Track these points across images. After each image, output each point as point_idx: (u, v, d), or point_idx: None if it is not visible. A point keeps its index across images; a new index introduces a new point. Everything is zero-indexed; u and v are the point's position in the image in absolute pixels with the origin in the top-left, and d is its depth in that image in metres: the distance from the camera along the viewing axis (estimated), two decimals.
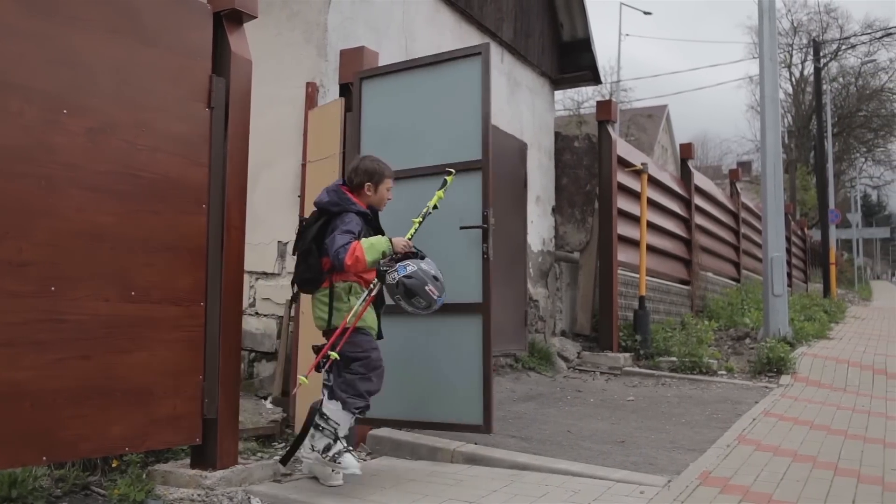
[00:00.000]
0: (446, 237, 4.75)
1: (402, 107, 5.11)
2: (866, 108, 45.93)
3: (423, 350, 4.94)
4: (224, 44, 4.16)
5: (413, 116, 5.07)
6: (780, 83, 17.84)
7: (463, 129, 4.87)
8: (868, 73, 45.63)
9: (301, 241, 4.20)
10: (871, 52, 44.02)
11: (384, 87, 5.19)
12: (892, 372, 8.57)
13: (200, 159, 4.02)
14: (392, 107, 5.14)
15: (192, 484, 3.88)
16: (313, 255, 4.12)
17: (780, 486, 4.13)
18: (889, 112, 44.93)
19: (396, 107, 5.14)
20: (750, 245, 17.00)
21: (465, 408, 4.76)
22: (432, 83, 5.05)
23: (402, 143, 5.07)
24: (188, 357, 3.92)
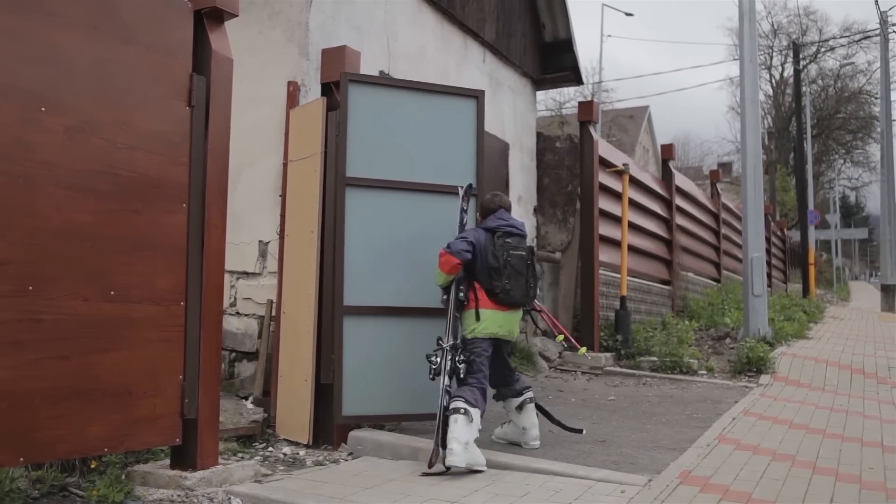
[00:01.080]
0: (435, 248, 4.92)
1: (393, 120, 5.33)
2: (845, 110, 46.37)
3: (409, 350, 5.12)
4: (205, 42, 4.13)
5: (404, 131, 5.34)
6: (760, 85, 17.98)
7: (456, 157, 5.41)
8: (846, 76, 46.08)
9: (530, 265, 4.95)
10: (849, 54, 44.46)
11: (374, 95, 5.32)
12: (870, 371, 8.65)
13: (181, 158, 4.00)
14: (382, 117, 5.29)
15: (171, 484, 3.85)
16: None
17: (760, 484, 4.16)
18: (867, 114, 45.34)
19: (386, 118, 5.31)
20: (730, 245, 17.09)
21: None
22: (427, 108, 5.41)
23: (392, 154, 5.30)
24: (168, 357, 3.89)
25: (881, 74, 23.51)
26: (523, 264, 4.85)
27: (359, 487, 4.08)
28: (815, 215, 28.05)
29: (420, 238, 5.21)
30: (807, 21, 45.38)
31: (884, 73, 23.05)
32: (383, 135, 5.28)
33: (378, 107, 5.29)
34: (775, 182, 38.93)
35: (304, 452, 4.95)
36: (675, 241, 12.84)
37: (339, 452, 4.95)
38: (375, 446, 4.94)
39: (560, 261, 9.98)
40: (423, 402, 5.04)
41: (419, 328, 5.13)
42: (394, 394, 5.12)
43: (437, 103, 5.45)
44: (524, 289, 4.86)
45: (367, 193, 5.19)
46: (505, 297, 4.79)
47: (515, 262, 4.82)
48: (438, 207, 5.29)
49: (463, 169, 5.39)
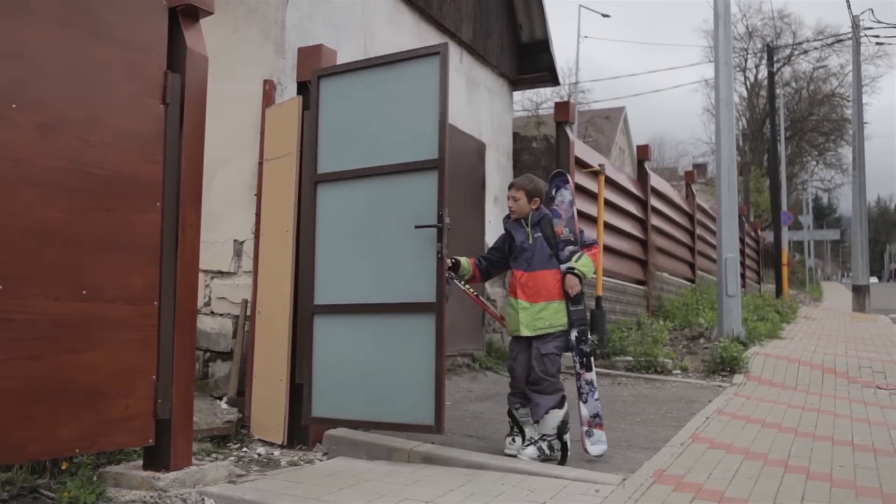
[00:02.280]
0: (402, 236, 4.76)
1: (360, 106, 5.07)
2: (818, 113, 46.93)
3: (377, 349, 4.87)
4: (179, 40, 4.10)
5: (370, 115, 5.02)
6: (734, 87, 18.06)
7: (420, 129, 4.82)
8: (819, 79, 46.65)
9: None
10: (822, 57, 45.00)
11: (342, 85, 5.14)
12: (841, 371, 8.75)
13: (155, 156, 3.96)
14: (350, 105, 5.10)
15: (144, 485, 3.82)
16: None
17: (732, 483, 4.19)
18: (839, 117, 45.92)
19: (354, 105, 5.09)
20: (705, 246, 17.24)
21: (418, 407, 4.67)
22: (390, 82, 5.00)
23: (359, 142, 5.03)
24: (141, 357, 3.86)
25: (853, 78, 23.78)
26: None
27: (333, 487, 4.07)
28: (789, 216, 28.37)
29: (389, 226, 4.85)
30: (781, 24, 45.88)
31: (856, 77, 23.32)
32: (352, 124, 5.05)
33: (347, 97, 5.10)
34: (749, 183, 39.29)
35: (279, 453, 4.93)
36: (650, 241, 12.93)
37: (314, 452, 4.93)
38: (351, 446, 4.93)
39: None
40: (394, 408, 4.76)
41: (393, 327, 4.82)
42: (366, 397, 4.86)
43: (400, 73, 4.98)
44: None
45: (336, 187, 5.03)
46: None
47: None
48: (405, 189, 4.83)
49: (428, 140, 4.75)
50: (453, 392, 7.11)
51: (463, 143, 8.52)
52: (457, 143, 8.37)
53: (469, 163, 8.68)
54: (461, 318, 8.20)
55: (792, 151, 45.38)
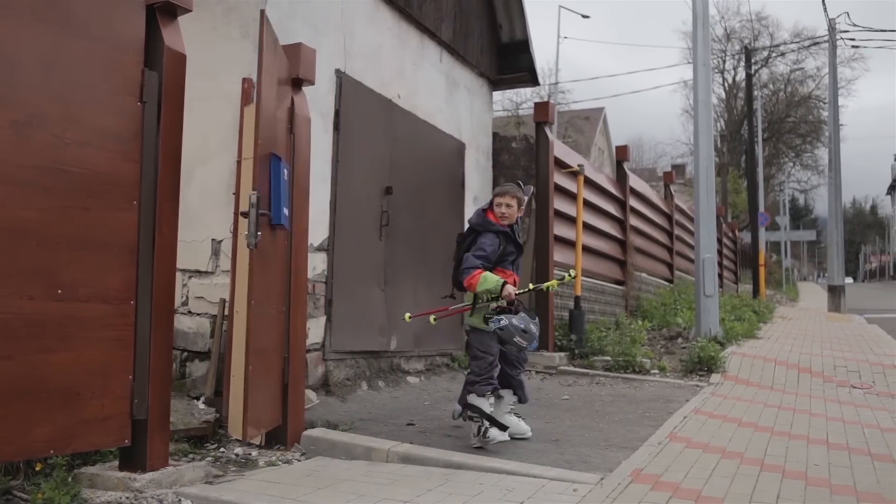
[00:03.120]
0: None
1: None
2: (795, 115, 47.37)
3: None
4: (157, 37, 4.07)
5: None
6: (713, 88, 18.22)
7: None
8: (796, 81, 47.09)
9: (457, 251, 5.16)
10: (799, 59, 45.48)
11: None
12: (817, 370, 8.84)
13: (132, 155, 3.93)
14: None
15: (120, 486, 3.79)
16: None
17: (709, 482, 4.22)
18: (816, 118, 46.38)
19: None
20: (683, 246, 17.33)
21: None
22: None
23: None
24: (117, 356, 3.83)
25: (829, 80, 24.00)
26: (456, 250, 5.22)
27: (311, 488, 4.06)
28: (766, 217, 28.60)
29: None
30: (758, 26, 46.24)
31: (832, 79, 23.54)
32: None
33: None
34: (727, 184, 39.57)
35: (257, 453, 4.90)
36: (628, 241, 12.98)
37: (292, 453, 4.91)
38: (329, 446, 4.92)
39: None
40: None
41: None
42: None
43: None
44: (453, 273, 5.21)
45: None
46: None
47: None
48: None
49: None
50: (432, 391, 7.11)
51: (442, 143, 8.52)
52: (436, 143, 8.37)
53: (448, 162, 8.68)
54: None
55: (769, 153, 45.78)
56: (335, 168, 6.59)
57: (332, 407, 5.94)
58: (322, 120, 6.39)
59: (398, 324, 7.37)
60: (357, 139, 6.91)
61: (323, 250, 6.43)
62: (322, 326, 6.41)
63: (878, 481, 4.41)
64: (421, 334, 7.78)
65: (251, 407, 4.31)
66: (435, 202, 8.23)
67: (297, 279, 5.16)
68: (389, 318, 7.24)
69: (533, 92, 30.30)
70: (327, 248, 6.47)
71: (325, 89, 6.48)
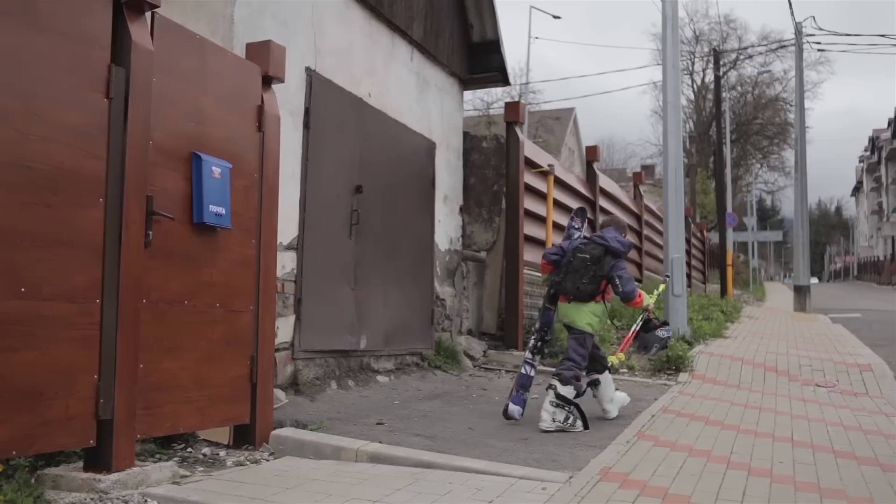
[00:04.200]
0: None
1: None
2: (762, 117, 47.92)
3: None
4: (124, 33, 4.02)
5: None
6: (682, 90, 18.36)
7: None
8: (764, 83, 47.64)
9: (593, 266, 5.92)
10: (766, 62, 46.00)
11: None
12: (783, 369, 8.95)
13: (98, 151, 3.88)
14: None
15: (84, 488, 3.74)
16: (597, 278, 5.92)
17: (676, 480, 4.26)
18: (783, 121, 46.95)
19: None
20: (652, 246, 17.45)
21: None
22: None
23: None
24: (82, 356, 3.78)
25: (796, 83, 24.30)
26: (582, 265, 5.95)
27: (280, 487, 4.03)
28: (733, 218, 28.87)
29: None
30: (727, 29, 46.73)
31: (798, 82, 23.84)
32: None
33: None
34: (696, 185, 39.93)
35: (225, 453, 4.86)
36: None
37: (261, 452, 4.88)
38: (297, 446, 4.89)
39: (485, 260, 10.04)
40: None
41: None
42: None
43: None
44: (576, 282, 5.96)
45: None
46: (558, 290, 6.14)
47: (577, 264, 5.98)
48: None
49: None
50: (402, 391, 7.10)
51: (413, 142, 8.51)
52: (406, 142, 8.36)
53: (419, 161, 8.67)
54: (410, 318, 8.20)
55: (737, 154, 46.28)
56: (305, 166, 6.55)
57: (302, 406, 5.91)
58: (292, 118, 6.36)
59: (368, 323, 7.35)
60: (327, 137, 6.88)
61: (292, 249, 6.39)
62: (291, 325, 6.37)
63: (840, 478, 4.48)
64: (391, 334, 7.77)
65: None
66: (405, 201, 8.21)
67: (266, 278, 5.12)
68: (359, 317, 7.22)
69: (504, 92, 30.32)
70: (297, 247, 6.44)
71: (295, 87, 6.44)
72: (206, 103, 4.68)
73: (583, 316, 5.98)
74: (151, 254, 4.18)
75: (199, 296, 4.57)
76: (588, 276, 5.92)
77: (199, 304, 4.56)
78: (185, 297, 4.47)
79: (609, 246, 5.95)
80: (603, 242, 5.99)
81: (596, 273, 5.91)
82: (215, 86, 4.78)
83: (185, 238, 4.48)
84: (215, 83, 4.79)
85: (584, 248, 6.03)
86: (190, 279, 4.51)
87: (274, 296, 5.29)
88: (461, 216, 9.88)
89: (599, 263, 5.91)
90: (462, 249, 9.82)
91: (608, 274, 5.90)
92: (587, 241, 6.11)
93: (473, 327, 10.01)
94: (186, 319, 4.47)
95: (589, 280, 5.91)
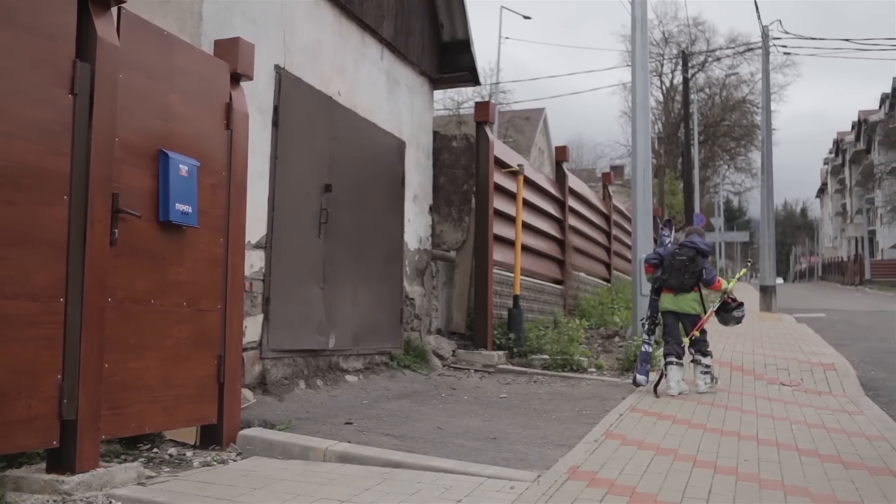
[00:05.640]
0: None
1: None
2: (729, 119, 48.45)
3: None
4: (90, 28, 3.96)
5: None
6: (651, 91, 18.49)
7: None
8: (731, 85, 48.15)
9: (688, 263, 7.59)
10: (734, 65, 46.50)
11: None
12: (748, 368, 9.05)
13: (62, 148, 3.82)
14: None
15: (47, 489, 3.68)
16: (693, 273, 7.60)
17: (643, 478, 4.29)
18: (750, 123, 47.50)
19: None
20: (620, 246, 17.57)
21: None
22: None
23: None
24: (46, 355, 3.72)
25: (763, 85, 24.55)
26: (682, 265, 7.60)
27: (247, 488, 4.00)
28: (701, 218, 29.18)
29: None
30: (695, 31, 47.20)
31: (765, 84, 24.10)
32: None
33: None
34: (664, 185, 40.15)
35: (192, 453, 4.82)
36: (567, 241, 13.12)
37: (228, 453, 4.84)
38: (266, 446, 4.86)
39: (455, 259, 10.04)
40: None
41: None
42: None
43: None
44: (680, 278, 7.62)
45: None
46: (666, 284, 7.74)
47: (677, 264, 7.62)
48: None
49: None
50: (371, 390, 7.08)
51: (382, 141, 8.49)
52: (376, 141, 8.34)
53: (388, 160, 8.65)
54: (379, 317, 8.18)
55: (705, 155, 46.74)
56: (274, 165, 6.51)
57: (270, 406, 5.88)
58: (261, 116, 6.32)
59: (337, 322, 7.32)
60: (296, 136, 6.84)
61: (261, 248, 6.35)
62: (259, 325, 6.33)
63: (804, 475, 4.53)
64: (360, 333, 7.75)
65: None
66: (375, 200, 8.19)
67: (234, 276, 5.09)
68: (328, 317, 7.19)
69: (474, 91, 30.37)
70: (265, 246, 6.39)
71: (263, 85, 6.40)
72: (173, 100, 4.64)
73: (688, 302, 7.61)
74: (117, 252, 4.13)
75: (166, 295, 4.52)
76: (688, 272, 7.58)
77: (165, 303, 4.52)
78: (152, 296, 4.42)
79: (699, 248, 7.68)
80: (694, 246, 7.69)
81: (692, 269, 7.58)
82: (183, 83, 4.74)
83: (152, 236, 4.44)
84: (183, 80, 4.74)
85: (681, 252, 7.70)
86: (156, 278, 4.46)
87: (242, 295, 5.26)
88: (431, 216, 9.88)
89: (694, 262, 7.59)
90: (431, 249, 9.82)
91: (699, 268, 7.57)
92: (682, 246, 7.75)
93: (443, 327, 10.01)
94: (153, 318, 4.43)
95: (689, 276, 7.58)
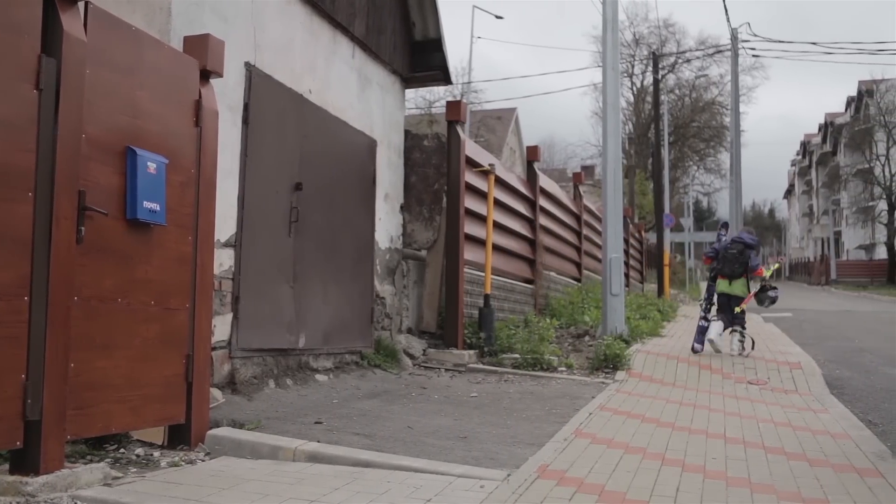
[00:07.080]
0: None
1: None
2: (699, 120, 48.95)
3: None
4: (55, 23, 3.91)
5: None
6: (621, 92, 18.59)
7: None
8: (701, 87, 48.64)
9: (737, 254, 10.12)
10: (704, 66, 46.98)
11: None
12: (717, 367, 9.14)
13: (27, 144, 3.77)
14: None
15: (10, 491, 3.62)
16: (742, 263, 10.15)
17: (612, 476, 4.32)
18: (719, 124, 48.01)
19: None
20: (591, 246, 17.66)
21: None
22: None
23: None
24: (9, 355, 3.66)
25: (732, 87, 24.89)
26: (734, 256, 10.14)
27: (215, 488, 3.97)
28: (671, 219, 29.42)
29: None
30: (666, 33, 47.65)
31: (734, 86, 24.40)
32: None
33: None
34: (634, 186, 40.54)
35: (159, 454, 4.77)
36: (538, 240, 13.16)
37: (196, 453, 4.80)
38: (234, 446, 4.82)
39: (426, 259, 10.04)
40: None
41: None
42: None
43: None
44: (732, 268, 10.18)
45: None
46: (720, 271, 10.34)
47: (729, 256, 10.15)
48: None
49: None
50: (341, 390, 7.06)
51: (353, 140, 8.46)
52: (347, 139, 8.31)
53: (360, 159, 8.62)
54: (349, 316, 8.15)
55: (675, 156, 47.13)
56: (244, 163, 6.46)
57: (239, 406, 5.84)
58: (231, 113, 6.27)
59: (307, 321, 7.29)
60: (267, 134, 6.79)
61: (230, 246, 6.30)
62: (229, 324, 6.28)
63: (770, 473, 4.59)
64: (330, 332, 7.72)
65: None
66: (345, 199, 8.16)
67: (203, 275, 5.04)
68: (298, 316, 7.16)
69: (446, 90, 30.40)
70: (235, 244, 6.35)
71: (234, 82, 6.35)
72: (141, 97, 4.59)
73: (739, 287, 10.11)
74: (83, 250, 4.08)
75: (134, 293, 4.47)
76: (738, 263, 10.03)
77: (133, 302, 4.47)
78: (119, 295, 4.37)
79: (747, 242, 10.16)
80: (742, 241, 10.18)
81: (741, 260, 9.99)
82: (151, 79, 4.68)
83: (119, 234, 4.39)
84: (151, 76, 4.69)
85: (732, 245, 10.17)
86: (124, 276, 4.41)
87: (211, 293, 5.21)
88: (402, 214, 9.87)
89: (743, 254, 10.01)
90: (402, 248, 9.80)
91: (747, 258, 9.97)
92: (733, 241, 10.22)
93: (413, 326, 10.00)
94: (120, 317, 4.38)
95: (739, 266, 10.02)
